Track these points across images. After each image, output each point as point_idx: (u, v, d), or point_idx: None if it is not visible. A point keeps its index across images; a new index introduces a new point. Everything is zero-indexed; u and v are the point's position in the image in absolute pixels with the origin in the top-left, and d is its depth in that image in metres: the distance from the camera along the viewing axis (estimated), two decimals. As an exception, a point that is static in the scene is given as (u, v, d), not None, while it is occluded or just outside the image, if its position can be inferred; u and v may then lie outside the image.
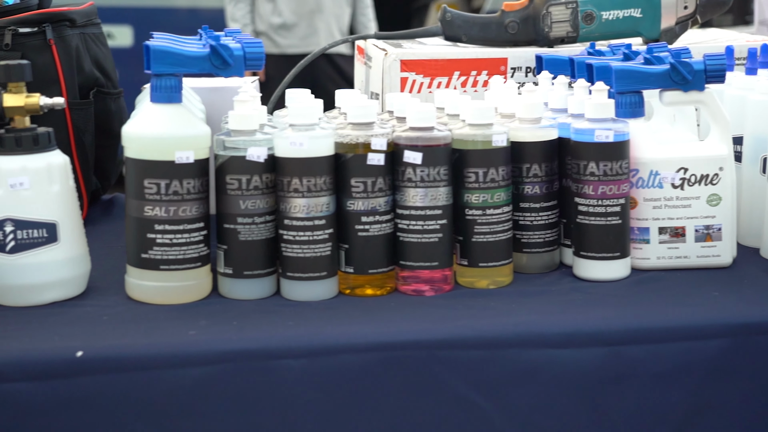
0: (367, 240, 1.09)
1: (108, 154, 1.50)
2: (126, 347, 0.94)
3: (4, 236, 1.04)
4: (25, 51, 1.31)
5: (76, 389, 0.91)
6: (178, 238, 1.05)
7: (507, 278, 1.14)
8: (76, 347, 0.92)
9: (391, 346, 0.95)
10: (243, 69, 1.07)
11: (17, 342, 0.95)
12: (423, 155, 1.08)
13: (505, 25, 1.49)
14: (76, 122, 1.38)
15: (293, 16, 3.53)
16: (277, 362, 0.93)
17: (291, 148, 1.06)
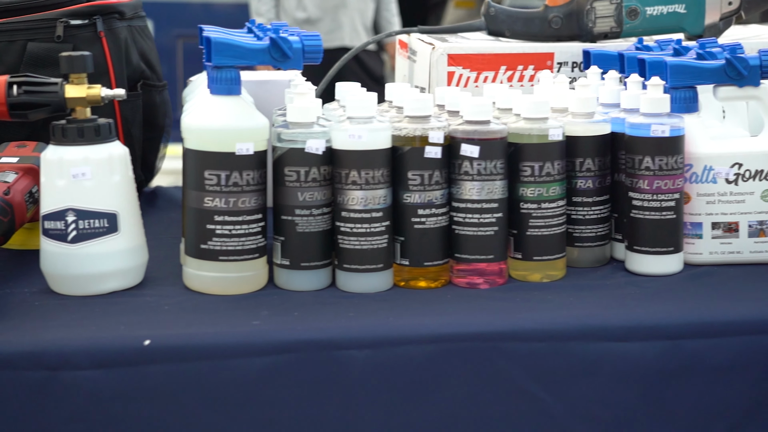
0: (423, 233, 1.10)
1: (152, 147, 1.50)
2: (192, 336, 0.94)
3: (66, 226, 1.04)
4: (76, 43, 1.32)
5: (144, 378, 0.92)
6: (237, 230, 1.06)
7: (560, 272, 1.14)
8: (142, 336, 0.93)
9: (454, 337, 0.96)
10: (301, 62, 1.08)
11: (84, 330, 0.95)
12: (480, 149, 1.09)
13: (549, 20, 1.50)
14: (124, 114, 1.39)
15: (317, 11, 3.54)
16: (342, 352, 0.94)
17: (350, 140, 1.07)
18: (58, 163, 1.05)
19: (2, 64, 1.30)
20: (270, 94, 1.36)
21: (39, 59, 1.30)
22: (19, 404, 0.90)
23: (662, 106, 1.13)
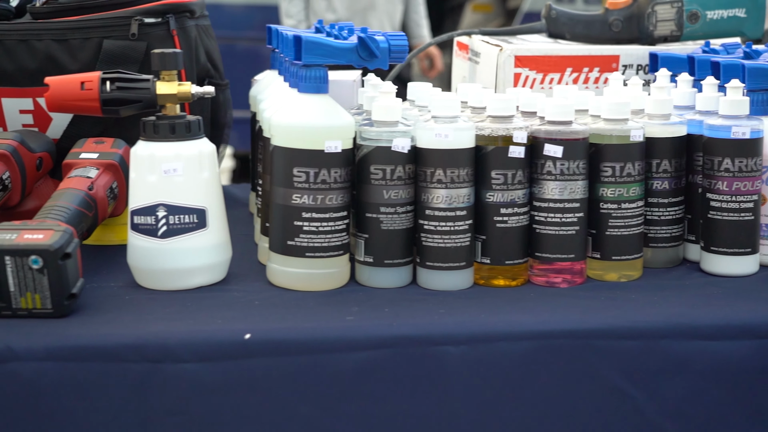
0: (504, 231, 1.11)
1: (215, 145, 1.51)
2: (290, 331, 0.96)
3: (157, 221, 1.06)
4: (149, 41, 1.33)
5: (244, 371, 0.93)
6: (324, 226, 1.07)
7: (637, 272, 1.15)
8: (241, 330, 0.94)
9: (548, 334, 0.97)
10: (387, 61, 1.09)
11: (183, 324, 0.97)
12: (563, 149, 1.10)
13: (609, 23, 1.51)
14: (193, 112, 1.40)
15: (347, 13, 3.55)
16: (438, 348, 0.95)
17: (436, 139, 1.08)
18: (149, 159, 1.06)
19: (77, 60, 1.31)
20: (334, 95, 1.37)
21: (114, 56, 1.31)
22: (123, 396, 0.92)
23: (742, 108, 1.14)
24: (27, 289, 0.96)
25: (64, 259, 0.96)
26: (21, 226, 0.98)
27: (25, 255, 0.95)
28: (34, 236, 0.96)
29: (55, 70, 1.31)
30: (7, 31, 1.30)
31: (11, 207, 1.21)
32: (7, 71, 1.30)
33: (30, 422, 0.90)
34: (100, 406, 0.91)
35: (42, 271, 0.95)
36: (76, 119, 1.31)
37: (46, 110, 1.32)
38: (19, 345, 0.91)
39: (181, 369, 0.92)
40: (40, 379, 0.90)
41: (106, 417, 0.92)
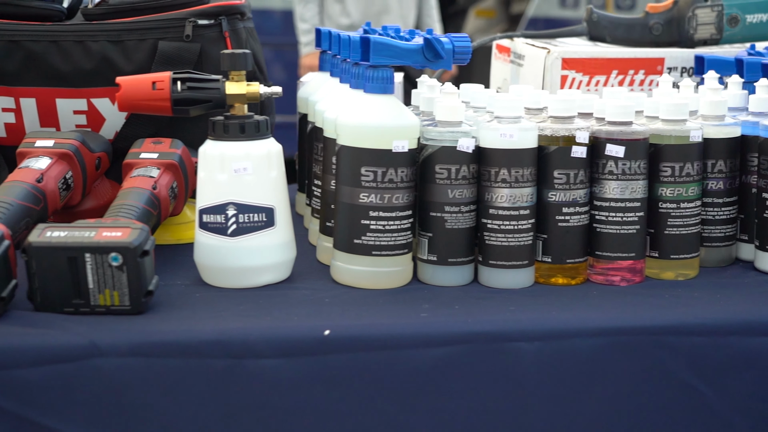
0: (566, 230, 1.12)
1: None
2: (368, 327, 0.97)
3: (226, 219, 1.07)
4: (203, 42, 1.34)
5: (323, 367, 0.94)
6: (390, 225, 1.08)
7: (694, 271, 1.17)
8: (319, 326, 0.96)
9: (619, 331, 0.98)
10: (451, 62, 1.11)
11: (261, 321, 0.98)
12: (625, 149, 1.11)
13: (650, 27, 1.53)
14: (244, 113, 1.41)
15: (361, 17, 3.57)
16: (512, 345, 0.97)
17: (501, 139, 1.10)
18: (219, 158, 1.07)
19: (132, 61, 1.32)
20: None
21: (169, 57, 1.32)
22: (204, 391, 0.93)
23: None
24: (106, 286, 0.97)
25: (143, 256, 0.97)
26: (97, 224, 0.99)
27: (105, 252, 0.96)
28: (113, 234, 0.97)
29: (109, 71, 1.32)
30: (63, 32, 1.31)
31: (72, 206, 1.22)
32: (62, 72, 1.31)
33: (113, 417, 0.91)
34: (181, 401, 0.92)
35: (121, 269, 0.96)
36: (132, 119, 1.32)
37: (100, 111, 1.34)
38: (102, 341, 0.92)
39: (262, 365, 0.93)
40: (123, 375, 0.91)
41: (188, 412, 0.93)
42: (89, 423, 0.91)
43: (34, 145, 1.17)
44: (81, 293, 0.97)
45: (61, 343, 0.91)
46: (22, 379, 0.90)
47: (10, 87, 1.31)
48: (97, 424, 0.91)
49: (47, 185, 1.13)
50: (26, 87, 1.31)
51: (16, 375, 0.90)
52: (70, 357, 0.91)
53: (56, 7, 1.35)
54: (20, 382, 0.90)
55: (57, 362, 0.90)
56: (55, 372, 0.90)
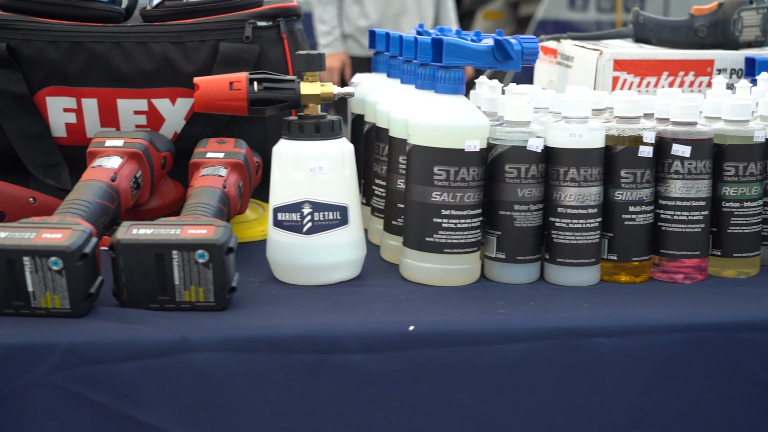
0: (632, 229, 1.14)
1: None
2: (451, 323, 0.99)
3: (302, 218, 1.08)
4: (262, 44, 1.36)
5: (408, 362, 0.95)
6: (462, 224, 1.10)
7: (755, 269, 1.19)
8: (402, 322, 0.97)
9: (695, 327, 1.00)
10: (520, 62, 1.12)
11: (345, 316, 0.99)
12: (691, 149, 1.13)
13: (695, 29, 1.55)
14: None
15: (379, 18, 3.59)
16: (592, 340, 0.98)
17: (570, 139, 1.11)
18: (295, 157, 1.09)
19: (193, 62, 1.34)
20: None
21: (230, 58, 1.34)
22: (293, 385, 0.94)
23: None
24: (191, 283, 0.98)
25: (228, 253, 0.98)
26: (179, 222, 1.01)
27: (191, 249, 0.97)
28: (198, 232, 0.99)
29: (170, 71, 1.34)
30: (126, 33, 1.33)
31: (139, 205, 1.24)
32: (124, 73, 1.32)
33: (204, 411, 0.93)
34: (270, 396, 0.94)
35: (207, 266, 0.98)
36: (193, 120, 1.34)
37: (160, 111, 1.35)
38: (193, 336, 0.93)
39: (349, 360, 0.95)
40: (214, 369, 0.93)
41: (276, 405, 0.94)
42: (181, 417, 0.92)
43: (104, 144, 1.18)
44: (167, 290, 0.99)
45: (153, 339, 0.93)
46: (115, 374, 0.91)
47: (73, 87, 1.32)
48: (188, 418, 0.93)
49: (120, 184, 1.14)
50: (88, 87, 1.33)
51: (110, 370, 0.91)
52: (162, 352, 0.92)
53: (116, 8, 1.36)
54: (114, 377, 0.91)
55: (149, 357, 0.92)
56: (148, 366, 0.92)
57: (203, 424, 0.93)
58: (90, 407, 0.90)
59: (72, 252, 0.93)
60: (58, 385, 0.89)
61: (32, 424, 0.88)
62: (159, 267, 0.98)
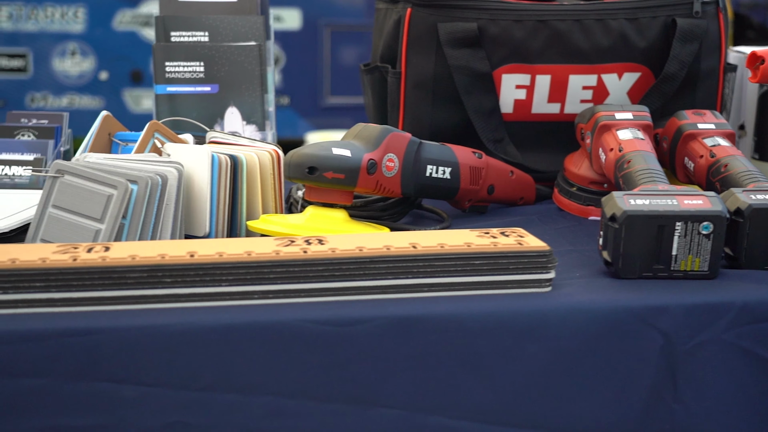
0: None
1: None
2: None
3: None
4: (707, 19, 1.37)
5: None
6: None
7: None
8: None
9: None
10: None
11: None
12: None
13: None
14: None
15: None
16: None
17: None
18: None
19: (645, 38, 1.37)
20: None
21: (686, 34, 1.35)
22: None
23: None
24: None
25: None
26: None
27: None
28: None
29: (623, 47, 1.37)
30: (585, 11, 1.37)
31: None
32: (581, 49, 1.37)
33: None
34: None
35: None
36: (650, 94, 1.36)
37: (606, 86, 1.39)
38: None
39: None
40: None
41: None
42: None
43: (615, 117, 1.23)
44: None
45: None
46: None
47: (530, 65, 1.38)
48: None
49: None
50: (544, 64, 1.38)
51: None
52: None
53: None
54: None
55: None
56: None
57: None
58: (758, 363, 0.94)
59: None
60: (731, 342, 0.94)
61: (708, 377, 0.94)
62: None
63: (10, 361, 0.85)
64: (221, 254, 0.93)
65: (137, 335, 0.87)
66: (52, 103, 5.17)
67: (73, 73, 5.22)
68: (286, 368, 0.89)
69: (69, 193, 1.05)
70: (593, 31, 1.36)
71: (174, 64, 1.44)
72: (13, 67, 5.13)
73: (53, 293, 0.89)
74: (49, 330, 0.86)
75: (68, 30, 5.16)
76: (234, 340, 0.88)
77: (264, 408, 0.89)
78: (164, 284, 0.91)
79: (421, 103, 1.41)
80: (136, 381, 0.87)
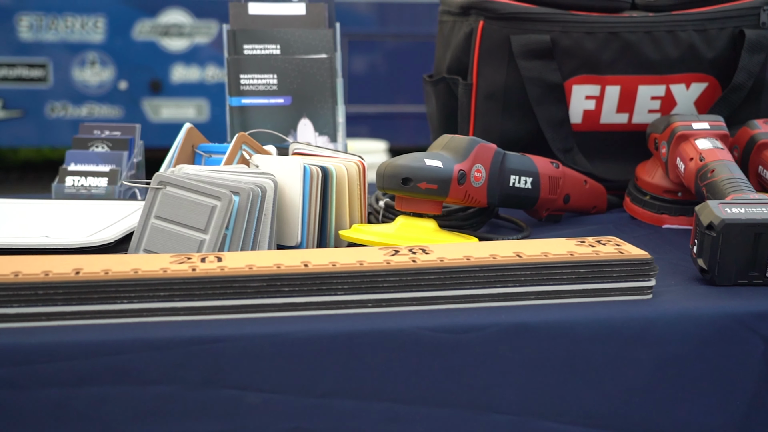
0: None
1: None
2: None
3: None
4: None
5: None
6: None
7: None
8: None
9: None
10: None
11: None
12: None
13: None
14: None
15: None
16: None
17: None
18: None
19: (713, 49, 1.39)
20: None
21: (755, 45, 1.38)
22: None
23: None
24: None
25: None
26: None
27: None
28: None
29: (692, 58, 1.40)
30: (656, 22, 1.39)
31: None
32: (651, 60, 1.40)
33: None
34: None
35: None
36: (721, 102, 1.39)
37: (674, 96, 1.42)
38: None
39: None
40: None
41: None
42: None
43: (692, 127, 1.25)
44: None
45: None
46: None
47: (600, 75, 1.41)
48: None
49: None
50: (614, 75, 1.41)
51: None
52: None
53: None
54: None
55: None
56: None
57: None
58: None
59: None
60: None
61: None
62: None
63: (138, 369, 0.87)
64: (334, 264, 0.95)
65: (260, 343, 0.89)
66: (71, 113, 5.20)
67: (92, 83, 5.25)
68: (403, 375, 0.91)
69: (172, 204, 1.08)
70: (663, 42, 1.39)
71: (248, 76, 1.46)
72: (33, 77, 5.16)
73: (176, 302, 0.91)
74: (176, 338, 0.88)
75: (88, 40, 5.19)
76: (353, 348, 0.90)
77: (381, 414, 0.91)
78: (282, 293, 0.93)
79: (491, 114, 1.44)
80: (259, 387, 0.89)
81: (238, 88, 1.46)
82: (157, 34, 5.24)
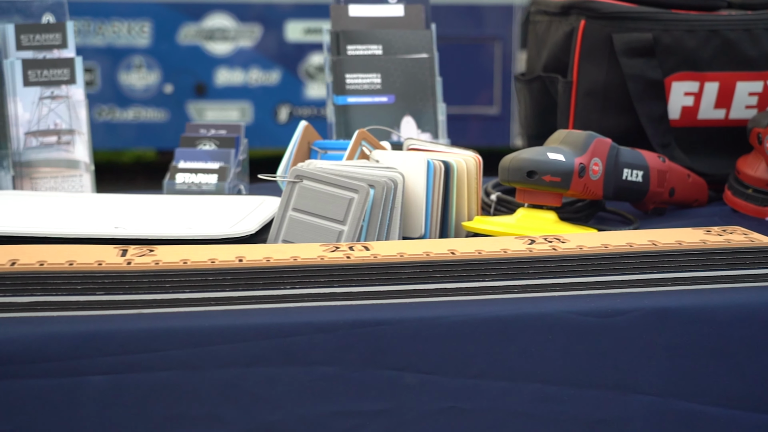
0: None
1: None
2: None
3: None
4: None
5: None
6: None
7: None
8: None
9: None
10: None
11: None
12: None
13: None
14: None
15: None
16: None
17: None
18: None
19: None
20: None
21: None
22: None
23: None
24: None
25: None
26: None
27: None
28: None
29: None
30: (755, 20, 1.43)
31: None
32: (750, 57, 1.43)
33: None
34: None
35: None
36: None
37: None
38: None
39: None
40: None
41: None
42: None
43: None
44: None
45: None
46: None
47: (700, 72, 1.45)
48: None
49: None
50: (714, 72, 1.44)
51: None
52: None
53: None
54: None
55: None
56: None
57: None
58: None
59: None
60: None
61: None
62: None
63: (305, 351, 0.92)
64: (480, 251, 0.99)
65: (417, 326, 0.94)
66: (118, 116, 5.26)
67: (138, 87, 5.31)
68: (552, 357, 0.95)
69: (309, 197, 1.12)
70: (762, 39, 1.42)
71: (354, 75, 1.51)
72: (81, 82, 5.22)
73: (335, 288, 0.96)
74: (339, 321, 0.93)
75: (134, 44, 5.26)
76: (504, 331, 0.95)
77: (532, 394, 0.95)
78: (433, 279, 0.97)
79: (591, 110, 1.47)
80: (416, 369, 0.94)
81: (344, 87, 1.51)
82: (201, 38, 5.31)
